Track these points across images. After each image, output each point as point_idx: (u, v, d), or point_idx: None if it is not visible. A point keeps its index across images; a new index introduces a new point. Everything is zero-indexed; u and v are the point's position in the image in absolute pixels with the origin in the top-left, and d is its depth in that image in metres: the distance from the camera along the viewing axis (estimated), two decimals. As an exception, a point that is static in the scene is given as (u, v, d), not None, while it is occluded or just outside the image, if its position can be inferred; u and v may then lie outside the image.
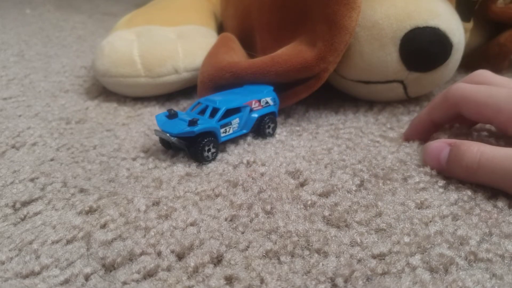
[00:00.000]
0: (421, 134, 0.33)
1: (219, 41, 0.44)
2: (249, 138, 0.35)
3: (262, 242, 0.22)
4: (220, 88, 0.38)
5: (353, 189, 0.27)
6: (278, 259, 0.21)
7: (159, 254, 0.22)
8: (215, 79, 0.38)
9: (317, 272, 0.20)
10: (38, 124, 0.39)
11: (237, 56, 0.41)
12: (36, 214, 0.25)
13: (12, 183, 0.29)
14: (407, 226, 0.23)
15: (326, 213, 0.25)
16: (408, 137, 0.33)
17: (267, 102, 0.35)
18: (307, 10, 0.38)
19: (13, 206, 0.26)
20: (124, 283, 0.20)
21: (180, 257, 0.22)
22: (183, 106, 0.43)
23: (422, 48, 0.36)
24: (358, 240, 0.22)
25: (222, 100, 0.33)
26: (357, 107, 0.41)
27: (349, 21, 0.34)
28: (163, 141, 0.33)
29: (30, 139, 0.35)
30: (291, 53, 0.36)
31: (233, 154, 0.32)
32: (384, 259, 0.21)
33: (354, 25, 0.34)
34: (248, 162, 0.31)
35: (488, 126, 0.33)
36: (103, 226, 0.24)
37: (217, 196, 0.27)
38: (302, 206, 0.26)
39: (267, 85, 0.36)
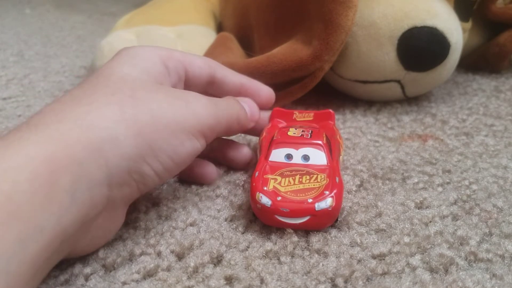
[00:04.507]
0: None
1: (216, 41, 0.44)
2: (248, 138, 0.35)
3: (262, 242, 0.22)
4: None
5: (353, 189, 0.27)
6: (278, 259, 0.21)
7: (159, 254, 0.22)
8: None
9: (317, 272, 0.20)
10: (38, 124, 0.38)
11: (234, 56, 0.41)
12: (35, 214, 0.25)
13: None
14: (407, 226, 0.23)
15: (326, 213, 0.25)
16: None
17: None
18: (304, 8, 0.38)
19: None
20: (124, 283, 0.20)
21: (180, 257, 0.22)
22: (182, 106, 0.43)
23: (420, 48, 0.35)
24: (358, 241, 0.22)
25: None
26: (356, 107, 0.41)
27: (345, 19, 0.33)
28: None
29: (29, 139, 0.35)
30: (287, 52, 0.36)
31: (233, 154, 0.32)
32: (384, 259, 0.21)
33: (350, 24, 0.34)
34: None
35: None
36: (103, 226, 0.24)
37: (217, 196, 0.27)
38: (302, 206, 0.25)
39: (263, 84, 0.36)
